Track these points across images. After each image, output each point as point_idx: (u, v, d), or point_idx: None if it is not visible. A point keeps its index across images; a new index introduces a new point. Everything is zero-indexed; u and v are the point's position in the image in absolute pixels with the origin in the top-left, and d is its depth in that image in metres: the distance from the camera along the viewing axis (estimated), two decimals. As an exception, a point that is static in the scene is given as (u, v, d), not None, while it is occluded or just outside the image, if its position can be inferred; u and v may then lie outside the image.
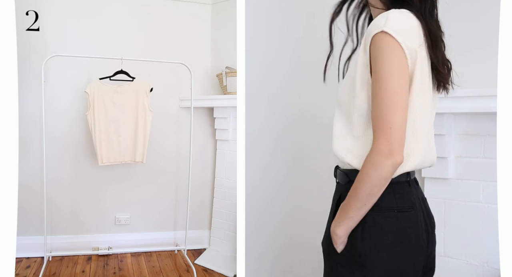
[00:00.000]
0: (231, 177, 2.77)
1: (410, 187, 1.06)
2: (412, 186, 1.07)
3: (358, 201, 1.00)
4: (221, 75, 2.73)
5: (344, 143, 1.08)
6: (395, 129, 0.93)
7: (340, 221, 1.04)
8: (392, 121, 0.93)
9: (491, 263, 1.64)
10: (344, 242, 1.05)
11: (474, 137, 1.67)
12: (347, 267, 1.04)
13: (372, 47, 0.98)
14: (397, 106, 0.94)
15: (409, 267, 1.03)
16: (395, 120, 0.94)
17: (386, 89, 0.94)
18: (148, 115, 2.60)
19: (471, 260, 1.68)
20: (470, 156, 1.69)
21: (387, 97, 0.94)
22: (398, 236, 1.02)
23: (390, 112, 0.94)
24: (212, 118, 2.88)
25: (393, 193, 1.02)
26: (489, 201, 1.64)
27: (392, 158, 0.94)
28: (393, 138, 0.94)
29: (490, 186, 1.64)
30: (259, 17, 2.19)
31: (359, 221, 1.03)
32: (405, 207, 1.03)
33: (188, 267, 2.64)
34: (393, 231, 1.01)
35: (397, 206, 1.03)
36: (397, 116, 0.94)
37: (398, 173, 1.02)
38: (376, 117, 0.96)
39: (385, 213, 1.02)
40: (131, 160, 2.62)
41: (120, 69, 2.53)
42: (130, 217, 2.88)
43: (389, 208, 1.02)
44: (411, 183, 1.07)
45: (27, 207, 2.58)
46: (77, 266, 2.59)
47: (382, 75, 0.95)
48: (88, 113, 2.50)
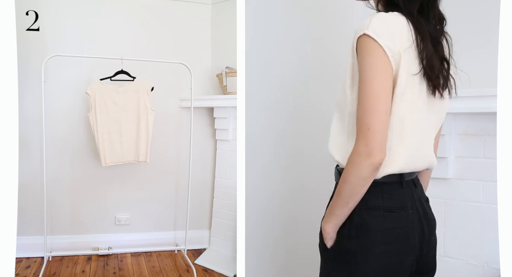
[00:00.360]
0: (231, 177, 2.77)
1: (402, 188, 1.07)
2: (406, 187, 1.08)
3: (341, 199, 1.04)
4: (221, 75, 2.73)
5: (337, 142, 1.11)
6: (372, 130, 0.96)
7: (327, 218, 1.09)
8: (370, 123, 0.96)
9: (491, 263, 1.64)
10: (333, 238, 1.09)
11: (474, 137, 1.68)
12: (335, 262, 1.09)
13: (357, 49, 1.00)
14: (376, 108, 0.96)
15: (395, 266, 1.05)
16: (373, 122, 0.96)
17: (366, 92, 0.97)
18: (150, 115, 2.60)
19: (471, 260, 1.68)
20: (470, 156, 1.69)
21: (366, 99, 0.97)
22: (384, 235, 1.04)
23: (369, 114, 0.96)
24: (212, 118, 2.88)
25: (381, 193, 1.05)
26: (489, 201, 1.64)
27: (370, 159, 0.97)
28: (370, 139, 0.96)
29: (490, 186, 1.64)
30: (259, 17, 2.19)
31: (347, 219, 1.06)
32: (393, 207, 1.05)
33: (188, 267, 2.64)
34: (379, 230, 1.04)
35: (384, 206, 1.05)
36: (376, 118, 0.96)
37: (383, 174, 1.04)
38: (357, 119, 0.99)
39: (373, 212, 1.04)
40: (134, 160, 2.62)
41: (121, 69, 2.53)
42: (130, 217, 2.88)
43: (377, 208, 1.04)
44: (405, 184, 1.08)
45: (27, 207, 2.58)
46: (77, 266, 2.59)
47: (364, 77, 0.98)
48: (90, 114, 2.49)
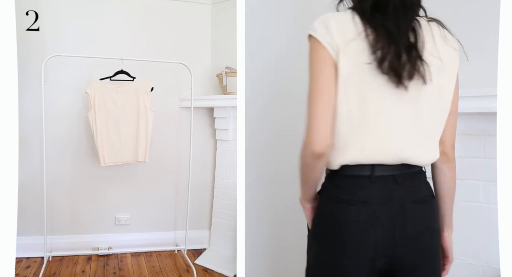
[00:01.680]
0: (231, 177, 2.77)
1: (370, 183, 1.06)
2: (377, 182, 1.06)
3: (300, 179, 1.15)
4: (221, 75, 2.73)
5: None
6: (313, 120, 1.03)
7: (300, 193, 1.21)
8: (311, 112, 1.03)
9: (491, 263, 1.64)
10: (307, 216, 1.21)
11: (474, 137, 1.67)
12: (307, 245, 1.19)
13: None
14: (316, 98, 1.03)
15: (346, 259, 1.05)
16: (314, 112, 1.03)
17: (310, 84, 1.04)
18: (149, 115, 2.60)
19: (471, 260, 1.68)
20: (470, 156, 1.69)
21: (310, 90, 1.04)
22: (339, 227, 1.06)
23: (311, 105, 1.03)
24: (212, 118, 2.88)
25: (346, 185, 1.08)
26: (489, 201, 1.64)
27: (311, 147, 1.03)
28: (311, 129, 1.03)
29: (490, 186, 1.64)
30: (259, 17, 2.19)
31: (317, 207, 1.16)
32: (353, 200, 1.06)
33: (188, 267, 2.64)
34: (335, 221, 1.07)
35: (345, 198, 1.07)
36: (316, 108, 1.03)
37: (337, 164, 1.07)
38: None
39: (334, 203, 1.09)
40: (133, 160, 2.62)
41: (121, 69, 2.53)
42: (130, 217, 2.88)
43: (338, 199, 1.08)
44: (376, 179, 1.06)
45: (27, 207, 2.58)
46: (77, 266, 2.59)
47: (310, 72, 1.06)
48: (89, 114, 2.49)
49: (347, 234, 1.05)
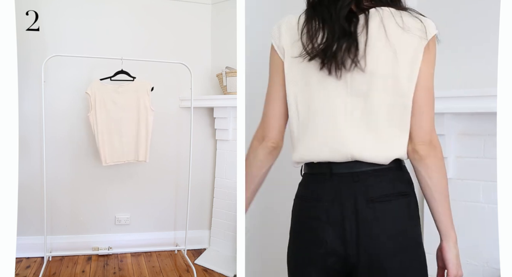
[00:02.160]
0: (231, 177, 2.77)
1: (326, 179, 1.05)
2: (334, 180, 1.04)
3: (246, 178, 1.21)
4: (221, 75, 2.73)
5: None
6: (265, 116, 1.14)
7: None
8: (265, 110, 1.14)
9: (491, 263, 1.64)
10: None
11: (474, 137, 1.68)
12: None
13: None
14: (268, 96, 1.13)
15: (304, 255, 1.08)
16: (266, 109, 1.14)
17: (268, 84, 1.14)
18: (150, 115, 2.60)
19: (471, 260, 1.68)
20: (470, 156, 1.69)
21: (267, 90, 1.14)
22: (299, 224, 1.11)
23: (265, 103, 1.14)
24: (212, 118, 2.88)
25: (306, 183, 1.12)
26: (489, 201, 1.64)
27: (263, 142, 1.13)
28: (262, 125, 1.14)
29: (490, 186, 1.64)
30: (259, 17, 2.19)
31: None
32: (309, 197, 1.08)
33: (188, 267, 2.64)
34: (296, 218, 1.12)
35: (304, 195, 1.11)
36: (268, 105, 1.13)
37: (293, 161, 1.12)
38: None
39: (297, 200, 1.13)
40: (134, 159, 2.62)
41: (121, 69, 2.53)
42: (130, 217, 2.88)
43: (300, 196, 1.12)
44: (333, 175, 1.04)
45: (27, 207, 2.58)
46: (77, 266, 2.59)
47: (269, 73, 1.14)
48: (90, 114, 2.49)
49: (304, 231, 1.08)
